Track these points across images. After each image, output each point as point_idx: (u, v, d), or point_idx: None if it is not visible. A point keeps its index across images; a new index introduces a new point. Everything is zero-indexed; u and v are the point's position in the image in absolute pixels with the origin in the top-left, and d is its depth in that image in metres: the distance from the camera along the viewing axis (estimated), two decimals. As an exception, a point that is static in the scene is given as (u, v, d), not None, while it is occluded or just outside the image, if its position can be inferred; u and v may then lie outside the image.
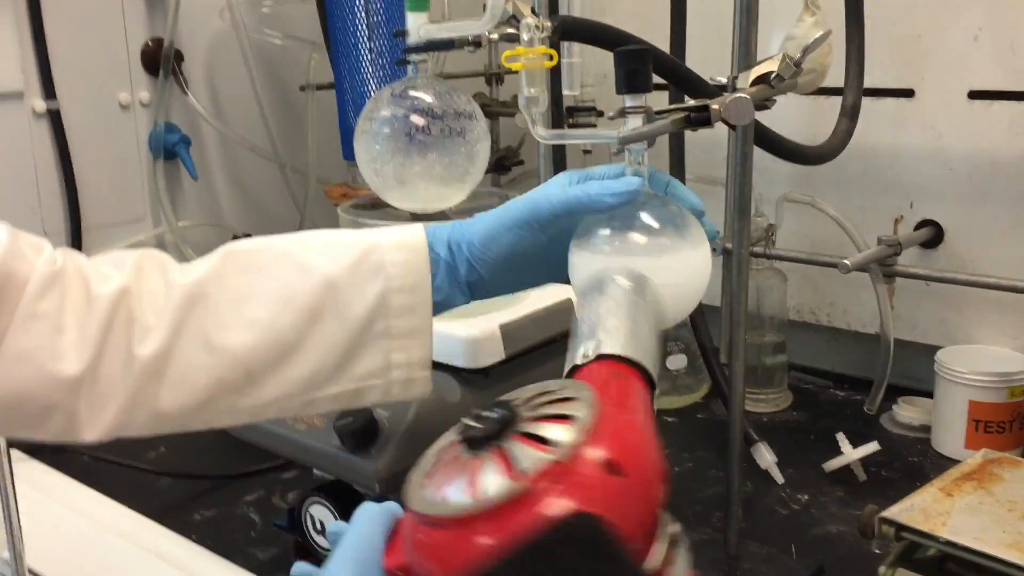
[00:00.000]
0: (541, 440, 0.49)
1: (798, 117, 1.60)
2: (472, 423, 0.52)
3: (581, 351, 0.63)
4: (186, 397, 0.74)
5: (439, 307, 0.80)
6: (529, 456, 0.48)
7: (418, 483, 0.53)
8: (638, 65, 0.83)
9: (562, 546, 0.44)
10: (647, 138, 0.84)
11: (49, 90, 1.64)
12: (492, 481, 0.48)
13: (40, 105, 1.63)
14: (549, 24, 0.91)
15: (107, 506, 1.27)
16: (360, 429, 0.99)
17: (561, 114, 1.65)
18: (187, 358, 0.74)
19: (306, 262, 0.77)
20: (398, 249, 0.78)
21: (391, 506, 0.57)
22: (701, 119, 0.86)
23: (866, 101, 1.53)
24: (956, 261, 1.52)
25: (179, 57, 1.77)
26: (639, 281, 0.73)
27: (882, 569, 1.00)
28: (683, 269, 0.84)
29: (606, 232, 0.83)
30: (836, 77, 1.38)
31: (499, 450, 0.49)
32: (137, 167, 1.77)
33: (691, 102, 0.87)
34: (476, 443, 0.51)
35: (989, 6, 1.43)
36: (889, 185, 1.58)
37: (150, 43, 1.75)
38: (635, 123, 0.84)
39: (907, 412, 1.54)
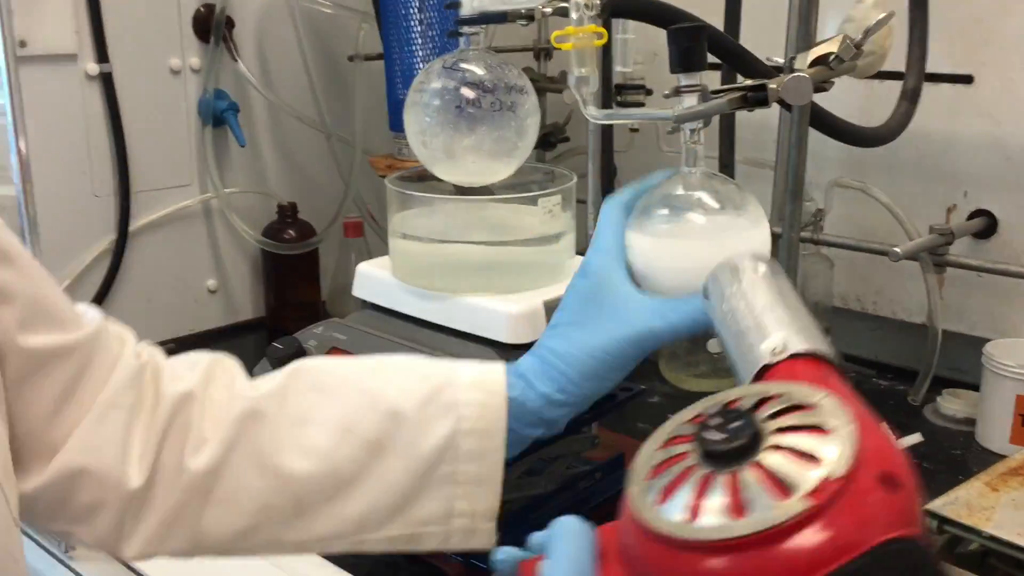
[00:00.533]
0: (803, 454, 0.45)
1: (852, 101, 1.57)
2: (713, 436, 0.47)
3: (766, 348, 0.57)
4: (230, 519, 0.70)
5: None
6: (798, 472, 0.44)
7: (652, 501, 0.48)
8: (693, 43, 0.81)
9: (885, 572, 0.41)
10: (703, 117, 0.83)
11: (102, 53, 1.65)
12: (764, 501, 0.43)
13: (93, 68, 1.65)
14: (599, 2, 0.90)
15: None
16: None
17: (610, 92, 1.64)
18: (237, 477, 0.70)
19: (375, 389, 0.72)
20: (475, 388, 0.73)
21: (584, 523, 0.57)
22: (758, 99, 0.85)
23: (923, 86, 1.51)
24: (1009, 252, 1.49)
25: (230, 24, 1.78)
26: (770, 264, 0.68)
27: (923, 561, 0.99)
28: (747, 246, 0.83)
29: (665, 212, 0.82)
30: (892, 61, 1.36)
31: (757, 466, 0.45)
32: (186, 133, 1.78)
33: (747, 82, 0.86)
34: (723, 458, 0.46)
35: (1055, -9, 1.39)
36: (943, 173, 1.54)
37: (202, 9, 1.76)
38: (690, 102, 0.83)
39: (951, 404, 1.51)
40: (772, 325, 0.59)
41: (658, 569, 0.46)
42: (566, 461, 1.22)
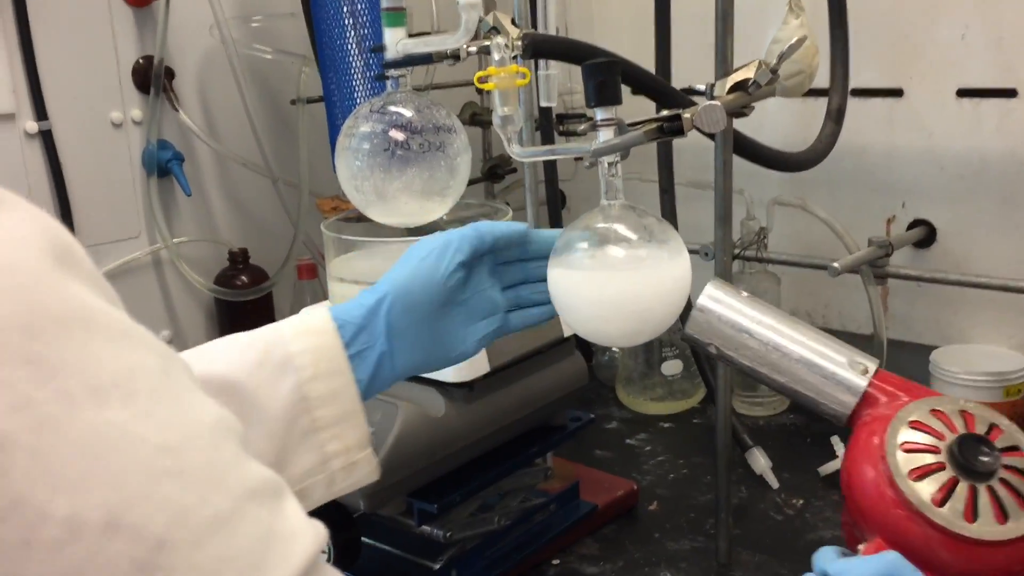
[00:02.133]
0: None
1: (790, 119, 1.60)
2: (979, 456, 0.65)
3: (854, 372, 0.76)
4: None
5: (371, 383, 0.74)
6: None
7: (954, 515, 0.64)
8: (606, 77, 0.82)
9: None
10: (619, 150, 0.84)
11: (41, 111, 1.64)
12: (1016, 512, 0.63)
13: (32, 126, 1.64)
14: (520, 43, 0.91)
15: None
16: (344, 446, 0.99)
17: (550, 122, 1.66)
18: None
19: (203, 373, 0.67)
20: (303, 336, 0.71)
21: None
22: (674, 129, 0.86)
23: (855, 101, 1.53)
24: (950, 260, 1.51)
25: (170, 74, 1.78)
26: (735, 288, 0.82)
27: None
28: (668, 278, 0.83)
29: (584, 246, 0.83)
30: (827, 78, 1.38)
31: (1004, 484, 0.64)
32: (131, 185, 1.77)
33: (663, 112, 0.87)
34: (981, 475, 0.64)
35: (976, 3, 1.42)
36: (881, 185, 1.57)
37: (141, 61, 1.76)
38: (607, 135, 0.84)
39: (904, 413, 1.53)
40: (833, 349, 0.78)
41: (940, 551, 0.64)
42: (520, 495, 1.22)
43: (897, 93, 1.51)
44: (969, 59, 1.44)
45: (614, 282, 0.80)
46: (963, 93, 1.45)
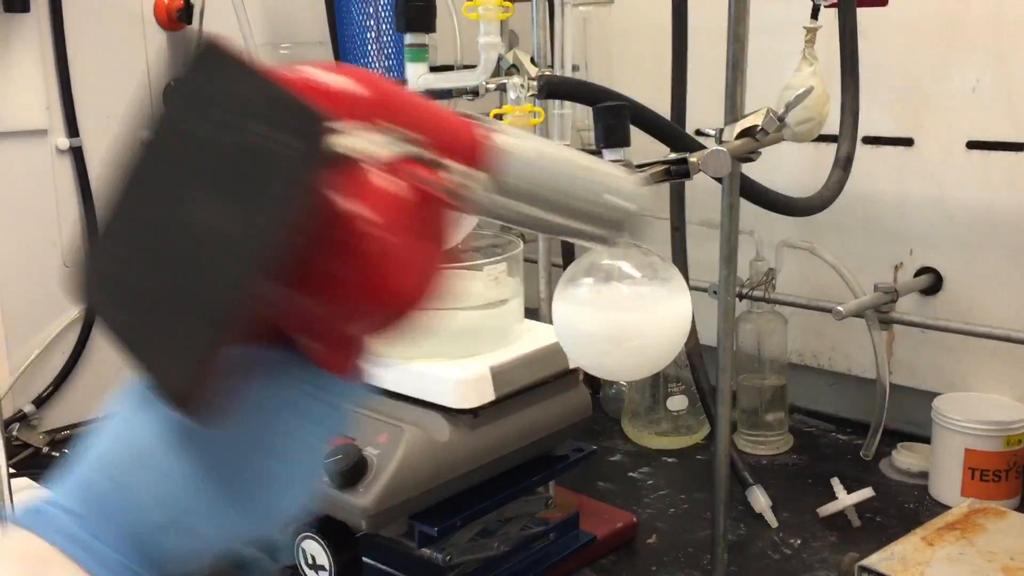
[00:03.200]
0: None
1: (801, 164, 1.63)
2: None
3: None
4: None
5: None
6: None
7: None
8: (616, 120, 0.86)
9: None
10: (625, 191, 0.87)
11: (72, 128, 1.70)
12: None
13: (63, 142, 1.69)
14: (535, 83, 0.95)
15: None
16: (349, 468, 1.01)
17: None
18: None
19: None
20: None
21: None
22: (680, 171, 0.89)
23: (866, 149, 1.56)
24: (955, 308, 1.53)
25: (199, 97, 1.82)
26: None
27: (861, 617, 1.01)
28: (669, 316, 0.86)
29: (589, 282, 0.86)
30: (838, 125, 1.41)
31: None
32: (156, 203, 1.82)
33: (670, 155, 0.90)
34: None
35: (987, 57, 1.45)
36: (890, 232, 1.59)
37: (172, 84, 1.81)
38: (614, 176, 0.87)
39: (906, 458, 1.54)
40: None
41: None
42: (520, 522, 1.24)
43: (907, 142, 1.54)
44: (980, 112, 1.47)
45: (616, 318, 0.83)
46: (973, 145, 1.47)
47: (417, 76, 1.12)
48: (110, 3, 1.73)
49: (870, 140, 1.56)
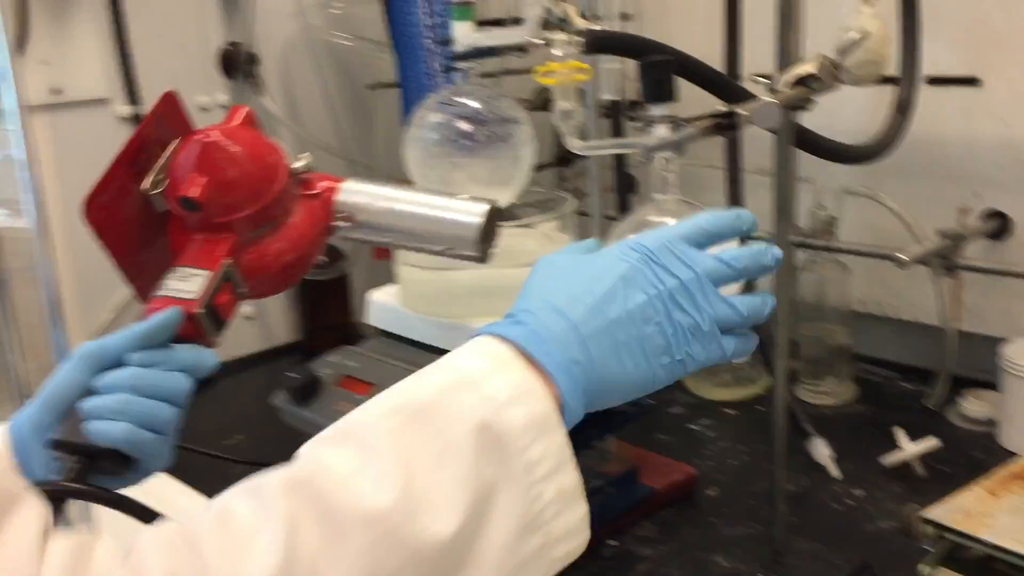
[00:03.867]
0: None
1: (864, 107, 1.58)
2: None
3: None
4: None
5: None
6: None
7: None
8: (661, 75, 0.85)
9: None
10: (673, 147, 0.86)
11: (132, 95, 1.73)
12: None
13: (124, 110, 1.72)
14: (580, 39, 0.94)
15: (182, 492, 1.34)
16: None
17: (619, 111, 1.67)
18: None
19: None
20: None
21: None
22: (729, 125, 0.88)
23: (931, 90, 1.51)
24: (1025, 252, 1.49)
25: (255, 60, 1.84)
26: None
27: (921, 567, 1.00)
28: None
29: None
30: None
31: None
32: (216, 167, 1.85)
33: (719, 108, 0.89)
34: None
35: (1059, -10, 1.38)
36: (956, 175, 1.54)
37: (227, 47, 1.83)
38: (662, 132, 0.86)
39: (973, 406, 1.51)
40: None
41: None
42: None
43: (974, 82, 1.48)
44: (1051, 47, 1.41)
45: None
46: (1043, 82, 1.42)
47: (464, 34, 1.12)
48: (164, -31, 1.75)
49: (935, 81, 1.51)
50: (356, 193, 0.89)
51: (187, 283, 0.81)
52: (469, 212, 0.86)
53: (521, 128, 1.12)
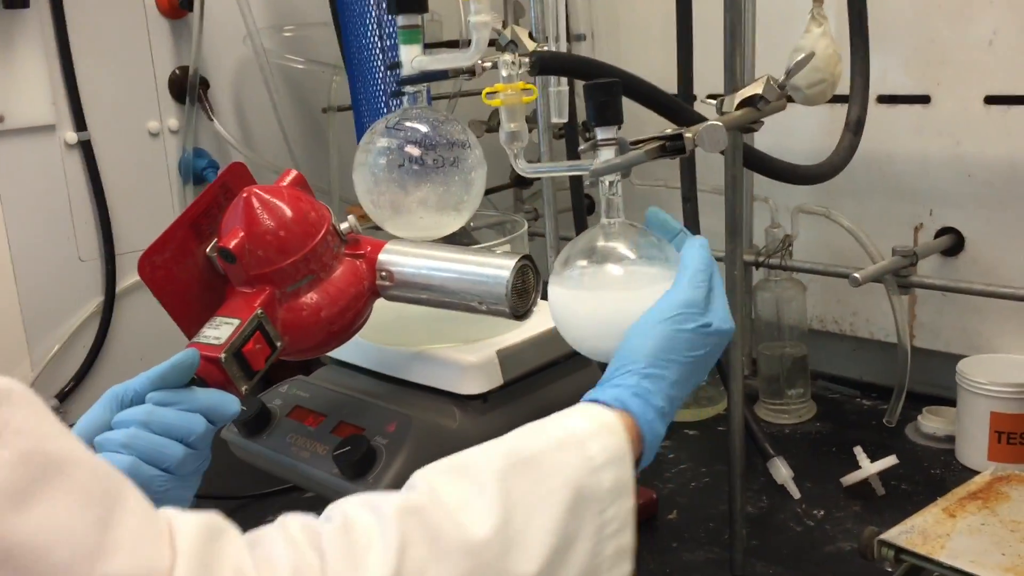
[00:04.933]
0: None
1: (816, 127, 1.59)
2: None
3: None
4: None
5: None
6: None
7: None
8: (607, 98, 0.83)
9: None
10: (619, 170, 0.85)
11: (80, 122, 1.69)
12: None
13: (72, 136, 1.69)
14: (527, 60, 0.92)
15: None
16: (358, 458, 1.01)
17: (575, 131, 1.67)
18: None
19: None
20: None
21: None
22: (676, 148, 0.87)
23: (882, 108, 1.52)
24: (978, 268, 1.49)
25: (205, 84, 1.82)
26: None
27: (882, 591, 1.00)
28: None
29: (583, 264, 0.84)
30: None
31: None
32: (167, 192, 1.82)
33: (667, 131, 0.88)
34: None
35: (1004, 8, 1.40)
36: (908, 193, 1.55)
37: (177, 71, 1.80)
38: (607, 155, 0.85)
39: (931, 422, 1.51)
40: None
41: None
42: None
43: (924, 100, 1.50)
44: (998, 65, 1.42)
45: (609, 301, 0.81)
46: (991, 100, 1.43)
47: (411, 58, 1.10)
48: (111, -6, 1.72)
49: (885, 99, 1.52)
50: (397, 252, 0.94)
51: (218, 330, 0.85)
52: (498, 267, 0.89)
53: (471, 152, 1.11)
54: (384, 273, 0.93)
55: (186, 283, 0.90)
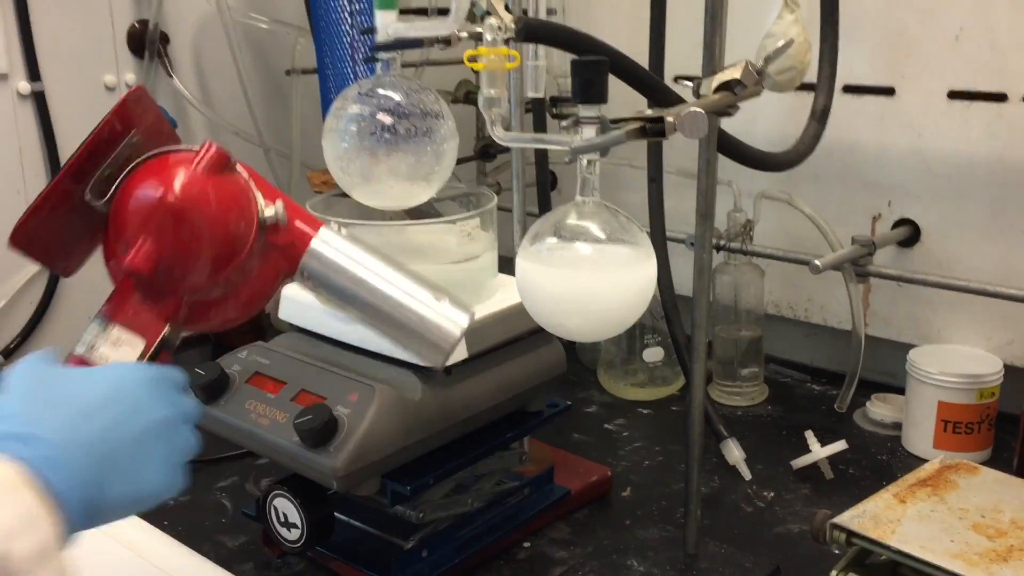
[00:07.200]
0: None
1: (781, 113, 1.60)
2: None
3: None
4: None
5: None
6: None
7: None
8: (593, 76, 0.83)
9: None
10: (599, 149, 0.85)
11: (34, 72, 1.64)
12: None
13: (25, 87, 1.64)
14: (513, 25, 0.91)
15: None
16: (319, 427, 1.00)
17: (543, 107, 1.66)
18: None
19: None
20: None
21: None
22: (656, 131, 0.87)
23: (847, 98, 1.54)
24: (933, 260, 1.52)
25: (165, 39, 1.77)
26: None
27: (833, 573, 1.02)
28: (632, 280, 0.85)
29: (553, 241, 0.84)
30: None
31: None
32: (122, 149, 1.78)
33: (647, 112, 0.87)
34: None
35: (971, 5, 1.42)
36: (869, 182, 1.57)
37: (136, 25, 1.75)
38: (589, 133, 0.85)
39: (879, 409, 1.55)
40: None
41: None
42: (494, 477, 1.24)
43: (889, 92, 1.51)
44: (962, 61, 1.44)
45: (578, 280, 0.81)
46: (954, 95, 1.45)
47: (387, 24, 1.09)
48: (70, -59, 1.67)
49: (851, 89, 1.53)
50: (328, 257, 0.78)
51: (118, 351, 0.73)
52: (451, 320, 0.78)
53: (444, 123, 1.10)
54: (306, 274, 0.79)
55: (60, 232, 0.76)
